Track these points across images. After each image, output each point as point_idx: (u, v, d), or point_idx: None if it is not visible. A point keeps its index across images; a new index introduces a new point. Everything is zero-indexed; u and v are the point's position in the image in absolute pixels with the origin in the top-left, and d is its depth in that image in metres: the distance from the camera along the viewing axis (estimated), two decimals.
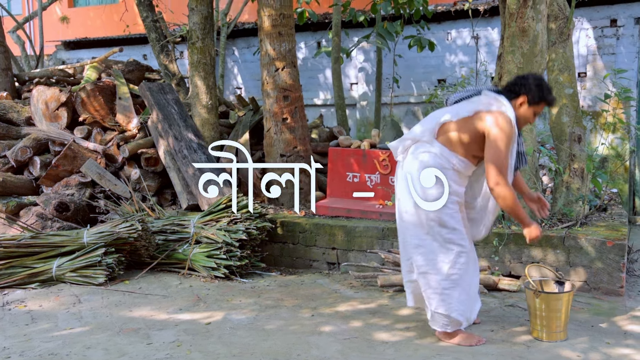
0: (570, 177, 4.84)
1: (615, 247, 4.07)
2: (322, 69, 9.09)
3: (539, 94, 3.09)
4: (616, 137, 7.21)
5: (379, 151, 5.51)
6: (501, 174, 2.97)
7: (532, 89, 3.09)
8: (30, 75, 7.28)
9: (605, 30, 7.29)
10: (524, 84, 3.10)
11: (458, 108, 3.15)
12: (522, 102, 3.11)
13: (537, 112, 3.17)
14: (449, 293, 3.09)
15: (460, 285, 3.10)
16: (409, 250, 3.21)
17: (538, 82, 3.12)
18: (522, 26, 4.50)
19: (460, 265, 3.09)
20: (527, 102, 3.10)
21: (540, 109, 3.17)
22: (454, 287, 3.09)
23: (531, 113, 3.14)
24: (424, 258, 3.13)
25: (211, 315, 3.75)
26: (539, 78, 3.16)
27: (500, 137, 2.96)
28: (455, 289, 3.09)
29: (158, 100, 5.98)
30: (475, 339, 3.19)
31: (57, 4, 11.43)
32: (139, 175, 5.70)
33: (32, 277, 4.43)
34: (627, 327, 3.49)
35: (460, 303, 3.10)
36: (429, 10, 7.53)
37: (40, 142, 6.10)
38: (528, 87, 3.09)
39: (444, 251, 3.09)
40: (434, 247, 3.10)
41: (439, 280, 3.10)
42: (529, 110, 3.12)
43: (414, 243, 3.16)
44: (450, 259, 3.08)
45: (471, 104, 3.11)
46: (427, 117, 3.27)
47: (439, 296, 3.10)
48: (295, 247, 5.11)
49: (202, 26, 6.06)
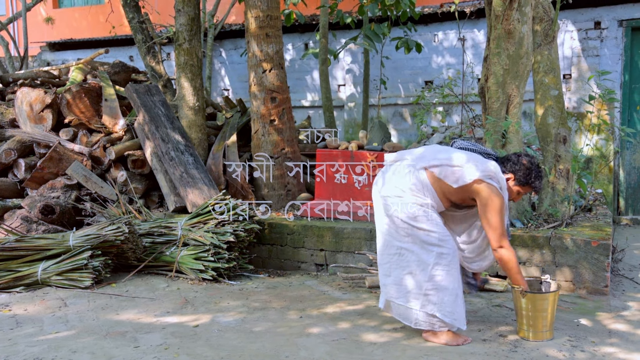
0: (556, 178, 4.88)
1: (600, 247, 4.12)
2: (309, 71, 9.10)
3: (526, 178, 3.24)
4: (600, 138, 7.30)
5: (366, 152, 5.52)
6: (501, 236, 3.12)
7: (521, 171, 3.23)
8: (14, 77, 7.20)
9: (590, 32, 7.38)
10: (516, 163, 3.25)
11: (462, 160, 3.17)
12: (510, 179, 3.25)
13: (522, 193, 3.31)
14: (433, 293, 3.12)
15: (446, 287, 3.13)
16: (388, 255, 3.26)
17: (529, 167, 3.24)
18: (507, 28, 4.54)
19: (442, 267, 3.13)
20: (513, 180, 3.25)
21: (525, 191, 3.31)
22: (438, 288, 3.12)
23: (515, 191, 3.29)
24: (406, 260, 3.17)
25: (199, 318, 3.74)
26: (533, 163, 3.27)
27: (493, 207, 3.09)
28: (440, 291, 3.12)
29: (145, 102, 5.95)
30: (462, 339, 3.22)
31: (41, 5, 11.32)
32: (126, 177, 5.66)
33: (17, 281, 4.39)
34: (611, 326, 3.53)
35: (446, 304, 3.13)
36: (416, 12, 7.57)
37: (25, 144, 6.03)
38: (519, 168, 3.23)
39: (424, 253, 3.14)
40: (414, 249, 3.15)
41: (422, 282, 3.13)
42: (514, 187, 3.27)
43: (395, 246, 3.21)
44: (431, 260, 3.12)
45: (475, 168, 3.13)
46: (430, 147, 3.37)
47: (424, 297, 3.13)
48: (283, 248, 5.10)
49: (189, 27, 6.04)
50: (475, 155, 3.24)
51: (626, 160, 7.39)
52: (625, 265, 5.05)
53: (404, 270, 3.19)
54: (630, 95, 7.31)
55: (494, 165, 3.17)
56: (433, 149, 3.33)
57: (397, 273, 3.21)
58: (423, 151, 3.31)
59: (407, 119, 8.50)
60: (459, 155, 3.21)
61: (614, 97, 5.15)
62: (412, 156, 3.29)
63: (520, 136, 4.80)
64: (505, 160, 3.29)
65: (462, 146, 3.35)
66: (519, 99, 4.71)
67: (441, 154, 3.23)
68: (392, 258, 3.23)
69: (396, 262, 3.22)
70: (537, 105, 5.07)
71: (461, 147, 3.35)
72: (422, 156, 3.26)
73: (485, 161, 3.20)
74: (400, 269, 3.20)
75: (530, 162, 3.25)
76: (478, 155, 3.25)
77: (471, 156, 3.21)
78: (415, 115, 7.84)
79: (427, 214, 3.16)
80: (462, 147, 3.35)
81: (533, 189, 3.30)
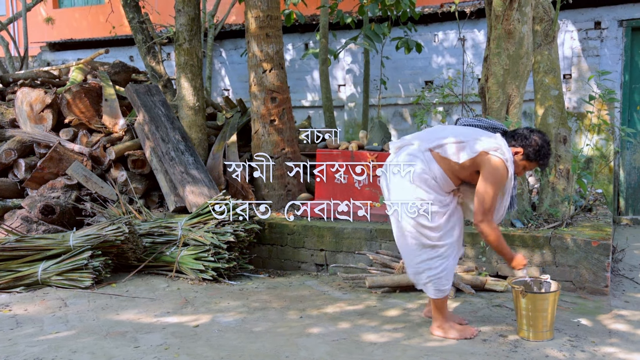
0: (556, 178, 4.88)
1: (600, 247, 4.12)
2: (309, 71, 9.09)
3: (536, 154, 3.19)
4: (601, 138, 7.29)
5: (366, 152, 5.52)
6: (487, 212, 3.10)
7: (531, 146, 3.18)
8: (14, 77, 7.20)
9: (590, 32, 7.38)
10: (527, 138, 3.20)
11: (466, 136, 3.17)
12: (518, 153, 3.20)
13: (527, 168, 3.28)
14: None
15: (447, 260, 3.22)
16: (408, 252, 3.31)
17: (541, 143, 3.19)
18: (507, 28, 4.54)
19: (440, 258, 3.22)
20: (522, 155, 3.20)
21: (531, 167, 3.27)
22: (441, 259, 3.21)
23: (522, 166, 3.25)
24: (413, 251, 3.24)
25: (199, 318, 3.74)
26: (545, 140, 3.23)
27: (492, 181, 3.07)
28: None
29: (145, 102, 5.95)
30: (469, 332, 3.29)
31: (41, 5, 11.32)
32: (126, 177, 5.66)
33: (17, 281, 4.39)
34: (611, 326, 3.53)
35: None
36: (416, 12, 7.57)
37: (25, 145, 6.03)
38: (529, 142, 3.19)
39: (427, 251, 3.21)
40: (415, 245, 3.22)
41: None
42: (521, 162, 3.23)
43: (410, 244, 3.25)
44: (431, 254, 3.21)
45: (478, 142, 3.12)
46: (432, 129, 3.36)
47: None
48: (283, 249, 5.10)
49: (189, 27, 6.04)
50: (479, 130, 3.23)
51: (626, 160, 7.39)
52: (625, 265, 5.05)
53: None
54: (630, 95, 7.30)
55: (499, 138, 3.15)
56: (435, 130, 3.32)
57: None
58: (425, 133, 3.30)
59: (407, 119, 8.49)
60: (461, 130, 3.19)
61: (614, 97, 5.15)
62: (416, 141, 3.26)
63: None
64: (515, 134, 3.24)
65: (467, 123, 3.32)
66: (519, 99, 4.71)
67: (443, 132, 3.22)
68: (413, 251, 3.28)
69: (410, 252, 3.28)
70: (537, 105, 5.07)
71: (466, 124, 3.32)
72: (425, 138, 3.24)
73: (490, 134, 3.19)
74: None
75: (541, 139, 3.21)
76: (482, 130, 3.24)
77: (475, 131, 3.20)
78: (416, 115, 7.83)
79: (427, 209, 3.16)
80: (467, 124, 3.32)
81: (540, 166, 3.26)
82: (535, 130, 3.25)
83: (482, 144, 3.09)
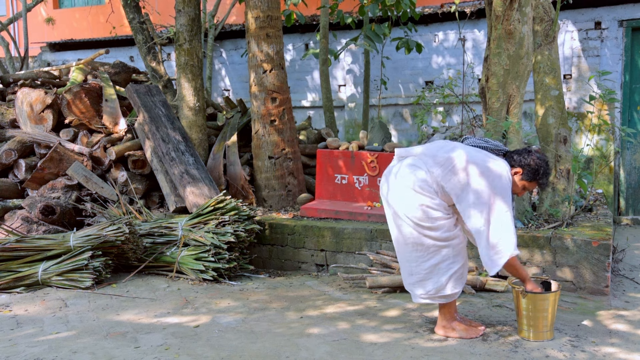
0: (556, 178, 4.88)
1: (600, 247, 4.12)
2: (310, 71, 9.09)
3: (534, 174, 3.21)
4: (601, 138, 7.29)
5: (367, 153, 5.52)
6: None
7: (530, 167, 3.20)
8: (14, 77, 7.20)
9: (590, 32, 7.38)
10: (526, 158, 3.22)
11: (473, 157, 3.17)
12: (517, 173, 3.24)
13: (527, 188, 3.29)
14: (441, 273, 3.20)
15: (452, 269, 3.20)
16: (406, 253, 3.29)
17: (539, 163, 3.21)
18: (508, 28, 4.54)
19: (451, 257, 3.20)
20: (521, 175, 3.23)
21: (531, 187, 3.29)
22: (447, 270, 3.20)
23: (521, 186, 3.27)
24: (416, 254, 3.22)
25: (199, 318, 3.74)
26: (543, 160, 3.24)
27: (499, 193, 3.09)
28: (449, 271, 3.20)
29: (145, 102, 5.95)
30: (474, 331, 3.30)
31: (42, 5, 11.32)
32: (126, 177, 5.66)
33: (17, 281, 4.39)
34: (612, 326, 3.53)
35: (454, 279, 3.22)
36: (416, 13, 7.57)
37: (25, 145, 6.04)
38: (528, 163, 3.21)
39: (433, 250, 3.18)
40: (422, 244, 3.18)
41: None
42: (520, 182, 3.25)
43: (410, 242, 3.23)
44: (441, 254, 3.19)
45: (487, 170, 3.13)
46: (442, 143, 3.32)
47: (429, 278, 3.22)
48: (283, 249, 5.10)
49: (190, 28, 6.04)
50: (485, 153, 3.22)
51: (626, 160, 7.39)
52: (625, 266, 5.05)
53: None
54: (630, 95, 7.30)
55: (501, 166, 3.15)
56: (442, 146, 3.27)
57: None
58: (424, 150, 3.27)
59: (408, 119, 8.49)
60: (461, 156, 3.16)
61: (615, 97, 5.16)
62: (416, 154, 3.26)
63: (521, 136, 4.80)
64: (514, 154, 3.26)
65: (475, 144, 3.32)
66: (519, 99, 4.71)
67: (442, 153, 3.20)
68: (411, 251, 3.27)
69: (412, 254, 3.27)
70: (537, 105, 5.07)
71: (473, 144, 3.32)
72: (424, 154, 3.23)
73: (495, 158, 3.19)
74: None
75: (540, 159, 3.22)
76: (488, 153, 3.23)
77: (480, 153, 3.20)
78: (416, 116, 7.83)
79: (431, 215, 3.15)
80: (474, 144, 3.32)
81: (540, 185, 3.28)
82: (533, 150, 3.28)
83: (483, 176, 3.10)
